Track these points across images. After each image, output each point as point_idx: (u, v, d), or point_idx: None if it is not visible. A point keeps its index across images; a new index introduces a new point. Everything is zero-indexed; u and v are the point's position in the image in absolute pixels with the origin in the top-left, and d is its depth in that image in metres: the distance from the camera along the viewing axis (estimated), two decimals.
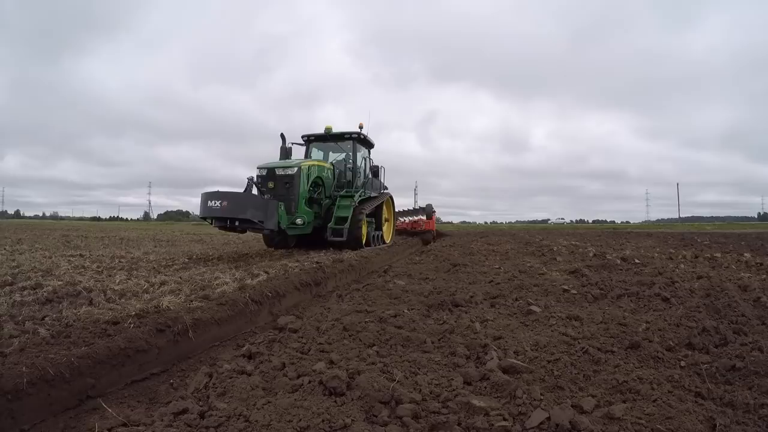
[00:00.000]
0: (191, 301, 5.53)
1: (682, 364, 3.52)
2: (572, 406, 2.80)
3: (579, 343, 3.93)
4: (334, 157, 17.49)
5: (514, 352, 3.76)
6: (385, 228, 18.56)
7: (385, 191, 19.11)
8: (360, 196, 15.57)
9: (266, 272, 8.13)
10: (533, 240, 20.51)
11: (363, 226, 14.83)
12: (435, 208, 27.00)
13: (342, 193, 15.53)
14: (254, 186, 12.06)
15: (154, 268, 9.05)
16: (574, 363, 3.48)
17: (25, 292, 5.99)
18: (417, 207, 30.43)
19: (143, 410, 3.18)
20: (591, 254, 12.07)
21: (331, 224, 14.21)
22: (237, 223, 11.00)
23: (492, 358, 3.55)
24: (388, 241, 18.63)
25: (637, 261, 9.97)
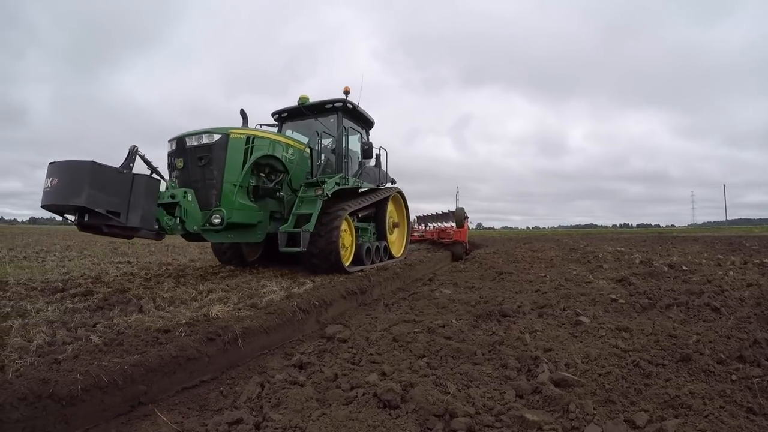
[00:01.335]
0: (239, 309, 5.66)
1: (734, 377, 3.50)
2: (625, 421, 2.83)
3: (630, 355, 3.93)
4: (324, 144, 11.58)
5: (564, 365, 3.79)
6: (393, 236, 13.94)
7: (392, 186, 14.06)
8: (339, 184, 10.42)
9: (312, 280, 8.29)
10: (577, 246, 20.23)
11: (347, 233, 10.27)
12: (468, 213, 21.12)
13: (311, 179, 10.19)
14: (138, 159, 6.89)
15: (201, 275, 9.28)
16: (625, 376, 3.49)
17: (76, 299, 6.25)
18: (444, 211, 23.56)
19: (195, 418, 3.31)
20: (637, 261, 11.91)
21: (285, 226, 9.17)
22: (87, 217, 6.27)
23: (543, 371, 3.59)
24: (398, 255, 13.80)
25: (684, 268, 9.82)
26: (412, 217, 24.15)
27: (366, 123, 13.20)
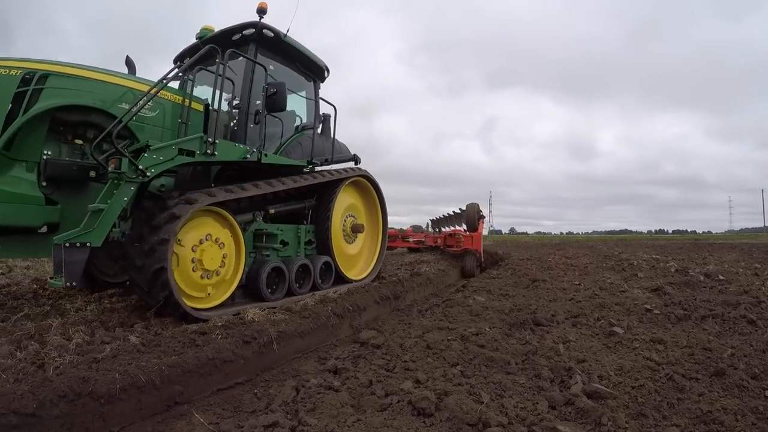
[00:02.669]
0: (274, 313, 5.69)
1: (767, 393, 3.51)
2: None
3: (663, 368, 3.95)
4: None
5: (598, 377, 3.82)
6: (354, 247, 9.12)
7: (351, 168, 9.16)
8: (192, 153, 5.82)
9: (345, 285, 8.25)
10: (612, 253, 19.94)
11: (214, 247, 5.90)
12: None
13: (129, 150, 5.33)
14: None
15: None
16: (658, 390, 3.52)
17: (114, 299, 6.37)
18: (455, 211, 16.62)
19: (230, 419, 3.39)
20: (673, 269, 11.76)
21: (63, 235, 4.69)
22: None
23: (576, 383, 3.63)
24: (360, 277, 9.06)
25: (721, 277, 9.69)
26: (424, 221, 20.60)
27: (309, 68, 8.44)
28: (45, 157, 5.41)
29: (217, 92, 6.39)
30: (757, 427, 2.93)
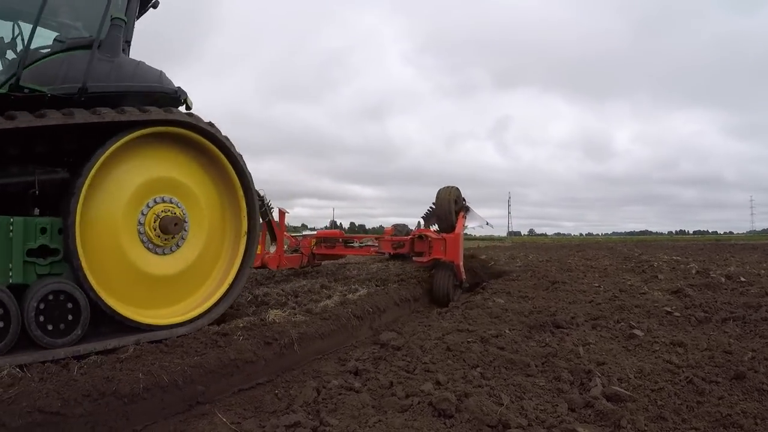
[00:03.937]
0: (295, 314, 5.71)
1: None
2: None
3: (683, 371, 3.94)
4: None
5: (617, 379, 3.83)
6: (179, 262, 5.02)
7: (174, 111, 4.91)
8: None
9: (366, 287, 8.27)
10: (632, 255, 19.78)
11: None
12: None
13: None
14: None
15: (257, 279, 9.41)
16: (678, 393, 3.52)
17: None
18: (429, 209, 11.31)
19: (252, 419, 3.46)
20: (693, 271, 11.66)
21: None
22: None
23: (596, 385, 3.64)
24: (191, 315, 4.95)
25: (742, 279, 9.59)
26: (410, 221, 13.39)
27: None
28: None
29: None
30: None
